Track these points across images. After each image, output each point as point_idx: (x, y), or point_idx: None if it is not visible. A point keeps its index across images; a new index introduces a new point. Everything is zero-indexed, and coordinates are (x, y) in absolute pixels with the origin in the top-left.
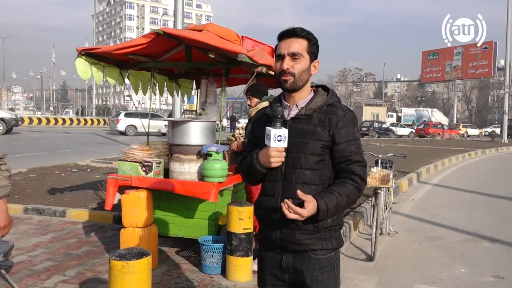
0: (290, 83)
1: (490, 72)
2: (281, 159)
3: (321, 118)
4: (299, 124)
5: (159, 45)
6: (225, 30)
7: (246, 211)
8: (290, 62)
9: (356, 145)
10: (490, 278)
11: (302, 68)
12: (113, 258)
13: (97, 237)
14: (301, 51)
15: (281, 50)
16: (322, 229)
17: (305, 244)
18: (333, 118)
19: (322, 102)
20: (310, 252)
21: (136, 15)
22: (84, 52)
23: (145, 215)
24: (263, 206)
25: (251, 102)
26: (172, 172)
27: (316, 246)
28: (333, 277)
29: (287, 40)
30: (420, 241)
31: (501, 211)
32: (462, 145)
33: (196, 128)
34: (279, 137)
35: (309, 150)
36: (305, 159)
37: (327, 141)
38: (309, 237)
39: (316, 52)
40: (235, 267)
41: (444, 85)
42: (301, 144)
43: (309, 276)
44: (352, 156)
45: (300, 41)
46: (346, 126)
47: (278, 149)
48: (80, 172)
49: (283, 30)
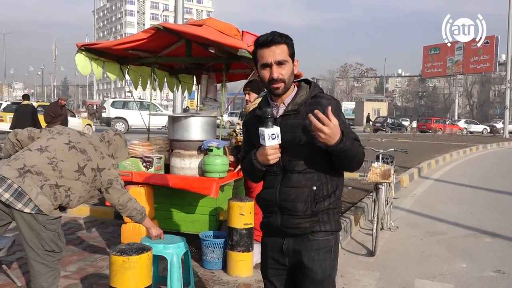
0: (281, 89)
1: (492, 67)
2: (278, 155)
3: (307, 110)
4: (288, 120)
5: (159, 40)
6: (225, 25)
7: (247, 206)
8: (278, 70)
9: (345, 126)
10: (491, 273)
11: (288, 72)
12: (113, 254)
13: (98, 232)
14: (285, 57)
15: (267, 59)
16: (319, 212)
17: (304, 228)
18: (319, 109)
19: (306, 95)
20: (309, 235)
21: (136, 11)
22: (84, 48)
23: (146, 211)
24: (265, 197)
25: (250, 97)
26: (173, 167)
27: (315, 229)
28: (329, 259)
29: (269, 48)
30: (421, 236)
31: (502, 206)
32: (463, 140)
33: (197, 123)
34: (272, 135)
35: (301, 142)
36: (299, 151)
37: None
38: (307, 221)
39: (294, 53)
40: (236, 262)
41: (445, 80)
42: (293, 138)
43: (306, 256)
44: (350, 135)
45: (282, 47)
46: (336, 112)
47: (273, 147)
48: None
49: (261, 38)
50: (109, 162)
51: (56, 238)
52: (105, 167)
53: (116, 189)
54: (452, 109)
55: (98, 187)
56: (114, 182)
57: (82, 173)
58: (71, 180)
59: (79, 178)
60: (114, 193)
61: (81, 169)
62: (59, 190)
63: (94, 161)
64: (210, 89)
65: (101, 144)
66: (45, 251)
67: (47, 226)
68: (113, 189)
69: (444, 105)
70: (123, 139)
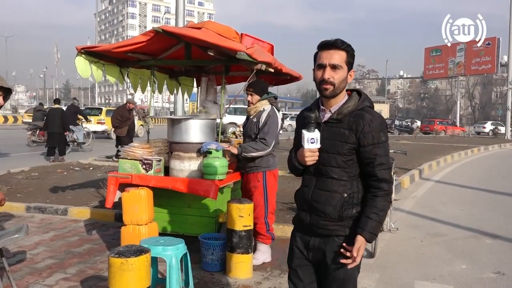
0: (329, 91)
1: (493, 68)
2: (315, 158)
3: (350, 122)
4: (331, 127)
5: (158, 43)
6: (224, 28)
7: (246, 208)
8: (330, 72)
9: (381, 148)
10: (491, 275)
11: (341, 78)
12: (112, 256)
13: (98, 235)
14: (341, 63)
15: (323, 60)
16: (346, 218)
17: (330, 230)
18: (360, 123)
19: (353, 106)
20: (334, 237)
21: (138, 13)
22: (83, 51)
23: (145, 213)
24: (300, 195)
25: (252, 98)
26: (172, 169)
27: (340, 232)
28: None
29: (328, 51)
30: (421, 238)
31: (503, 208)
32: (465, 142)
33: (196, 125)
34: (311, 139)
35: (338, 151)
36: (335, 158)
37: (353, 143)
38: (334, 224)
39: (352, 63)
40: (236, 264)
41: (447, 82)
42: (331, 145)
43: (329, 256)
44: (376, 159)
45: (340, 53)
46: (372, 130)
47: (311, 150)
48: (82, 171)
49: (323, 41)
50: None
51: None
52: None
53: None
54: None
55: None
56: None
57: None
58: None
59: None
60: None
61: None
62: None
63: None
64: (210, 92)
65: None
66: None
67: None
68: None
69: (446, 107)
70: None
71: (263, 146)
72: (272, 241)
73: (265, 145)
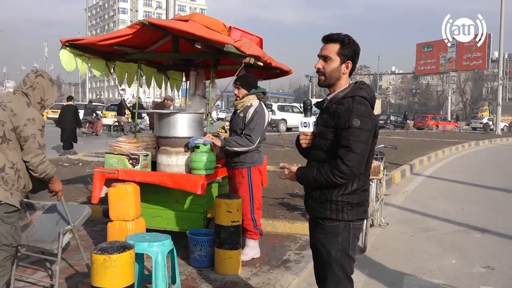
0: (322, 81)
1: (484, 64)
2: (307, 141)
3: (334, 108)
4: (322, 114)
5: (145, 36)
6: (212, 20)
7: (235, 203)
8: (321, 63)
9: (352, 132)
10: (481, 269)
11: (331, 68)
12: (94, 252)
13: (86, 231)
14: (331, 54)
15: (319, 52)
16: (327, 201)
17: (316, 211)
18: (339, 108)
19: (343, 94)
20: (319, 219)
21: (129, 9)
22: (68, 43)
23: (132, 209)
24: None
25: (239, 92)
26: (160, 164)
27: (322, 215)
28: (335, 243)
29: (324, 44)
30: (411, 233)
31: (492, 202)
32: (456, 137)
33: (183, 120)
34: (304, 123)
35: (323, 135)
36: (320, 143)
37: (332, 127)
38: (318, 205)
39: (348, 54)
40: (224, 260)
41: (438, 77)
42: (321, 130)
43: (316, 238)
44: (342, 141)
45: (333, 45)
46: (346, 115)
47: (304, 133)
48: (71, 166)
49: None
50: (23, 118)
51: (14, 232)
52: (19, 124)
53: (31, 147)
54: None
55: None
56: (30, 140)
57: (6, 140)
58: (4, 153)
59: (8, 146)
60: (28, 152)
61: (3, 136)
62: (5, 171)
63: (8, 122)
64: (199, 86)
65: (15, 97)
66: (0, 245)
67: (4, 219)
68: (28, 147)
69: (437, 102)
70: (46, 78)
71: (247, 142)
72: (261, 236)
73: (249, 141)
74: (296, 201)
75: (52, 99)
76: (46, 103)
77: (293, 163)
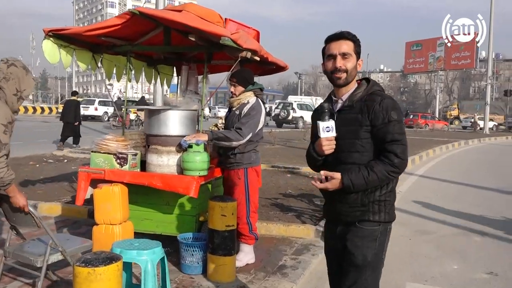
0: (343, 79)
1: (472, 63)
2: (332, 146)
3: (361, 106)
4: (344, 115)
5: (135, 27)
6: (207, 11)
7: (230, 206)
8: (342, 61)
9: (393, 126)
10: (484, 275)
11: (352, 65)
12: (77, 264)
13: (70, 233)
14: (350, 51)
15: (332, 51)
16: (370, 203)
17: (354, 216)
18: (371, 104)
19: (363, 92)
20: (357, 223)
21: (118, 2)
22: (52, 33)
23: (119, 211)
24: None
25: (236, 90)
26: (150, 164)
27: (363, 217)
28: (373, 247)
29: (337, 42)
30: (409, 236)
31: (488, 203)
32: (445, 136)
33: (175, 117)
34: (327, 128)
35: (354, 135)
36: (352, 143)
37: (367, 125)
38: (358, 210)
39: (360, 52)
40: (217, 266)
41: (426, 76)
42: (347, 131)
43: (350, 241)
44: (387, 136)
45: (348, 42)
46: (382, 110)
47: (328, 138)
48: (56, 163)
49: (331, 34)
50: None
51: None
52: None
53: None
54: (433, 105)
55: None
56: None
57: None
58: None
59: None
60: None
61: None
62: None
63: None
64: (191, 81)
65: None
66: None
67: None
68: None
69: (425, 101)
70: (20, 67)
71: (237, 136)
72: (256, 241)
73: (239, 135)
74: (289, 201)
75: (30, 88)
76: (23, 94)
77: (286, 161)
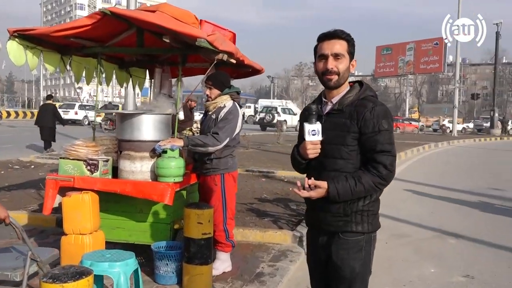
0: (334, 81)
1: (441, 68)
2: (316, 150)
3: (351, 111)
4: (333, 118)
5: (106, 28)
6: (182, 12)
7: (206, 214)
8: (334, 62)
9: (384, 135)
10: (460, 278)
11: (344, 67)
12: (44, 280)
13: (37, 243)
14: (343, 52)
15: (324, 51)
16: (352, 213)
17: (337, 226)
18: (361, 111)
19: (354, 96)
20: (340, 233)
21: (87, 4)
22: (17, 34)
23: (90, 221)
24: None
25: (211, 93)
26: (122, 171)
27: (346, 228)
28: (359, 258)
29: (330, 41)
30: (385, 239)
31: (459, 205)
32: (416, 138)
33: (149, 121)
34: (313, 131)
35: (341, 141)
36: (338, 150)
37: (355, 132)
38: (340, 220)
39: (353, 53)
40: (193, 276)
41: (396, 80)
42: (334, 136)
43: (335, 254)
44: (377, 146)
45: (342, 42)
46: (373, 118)
47: (313, 142)
48: (22, 169)
49: (324, 32)
50: None
51: None
52: None
53: None
54: (403, 108)
55: None
56: None
57: None
58: None
59: None
60: None
61: None
62: None
63: None
64: (164, 84)
65: None
66: None
67: None
68: None
69: (395, 104)
70: None
71: (214, 141)
72: (233, 248)
73: (216, 140)
74: (265, 206)
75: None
76: None
77: (260, 165)
